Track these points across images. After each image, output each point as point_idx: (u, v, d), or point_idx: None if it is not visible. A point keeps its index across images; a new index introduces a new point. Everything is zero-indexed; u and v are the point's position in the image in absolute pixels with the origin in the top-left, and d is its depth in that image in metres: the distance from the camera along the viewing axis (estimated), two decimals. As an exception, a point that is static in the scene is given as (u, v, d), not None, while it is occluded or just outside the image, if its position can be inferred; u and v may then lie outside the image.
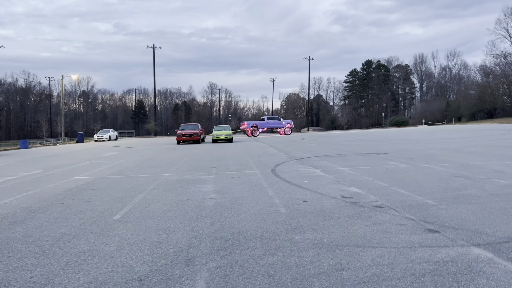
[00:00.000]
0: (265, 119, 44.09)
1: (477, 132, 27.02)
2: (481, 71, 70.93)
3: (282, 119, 44.33)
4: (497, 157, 11.16)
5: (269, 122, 43.25)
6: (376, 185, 7.20)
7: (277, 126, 43.38)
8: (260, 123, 44.20)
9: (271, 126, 43.34)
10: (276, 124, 43.15)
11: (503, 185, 6.78)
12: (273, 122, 43.29)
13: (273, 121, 43.47)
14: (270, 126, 43.49)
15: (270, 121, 43.34)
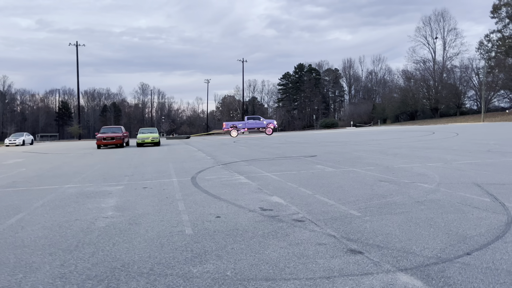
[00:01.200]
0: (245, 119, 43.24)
1: (400, 134, 28.24)
2: (403, 76, 75.80)
3: (263, 119, 42.86)
4: (420, 159, 11.27)
5: (248, 122, 42.09)
6: (300, 193, 6.63)
7: (257, 126, 42.01)
8: (239, 123, 43.22)
9: (251, 126, 42.10)
10: (257, 124, 41.85)
11: (427, 190, 6.54)
12: (253, 122, 41.92)
13: (253, 121, 42.08)
14: (251, 126, 42.26)
15: (250, 121, 42.12)
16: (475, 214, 4.86)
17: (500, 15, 59.53)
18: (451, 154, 12.13)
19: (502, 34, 60.31)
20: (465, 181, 7.27)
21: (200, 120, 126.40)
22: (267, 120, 43.35)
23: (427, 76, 66.95)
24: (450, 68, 67.52)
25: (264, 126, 41.41)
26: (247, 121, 41.89)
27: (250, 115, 49.36)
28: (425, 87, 67.16)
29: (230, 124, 43.34)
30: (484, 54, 60.76)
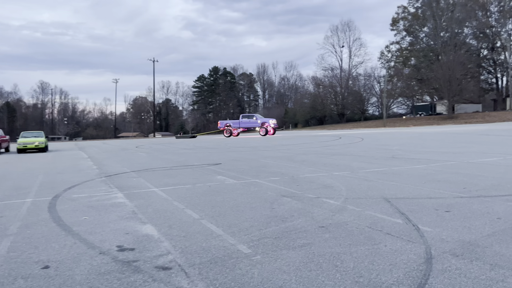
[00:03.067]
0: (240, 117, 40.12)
1: (309, 139, 28.38)
2: (313, 82, 78.72)
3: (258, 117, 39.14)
4: (327, 167, 10.61)
5: (242, 121, 38.64)
6: (183, 217, 5.27)
7: (250, 125, 38.44)
8: (234, 122, 39.53)
9: (244, 125, 38.53)
10: (250, 124, 38.44)
11: (333, 208, 5.60)
12: (246, 121, 38.61)
13: (247, 120, 38.76)
14: (244, 126, 38.66)
15: (243, 120, 38.62)
16: (388, 245, 3.93)
17: (399, 28, 64.83)
18: (357, 161, 11.72)
19: (400, 46, 65.78)
20: (373, 194, 6.53)
21: (108, 122, 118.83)
22: (262, 118, 39.00)
23: (334, 83, 70.39)
24: (355, 75, 71.93)
25: (257, 125, 37.91)
26: (241, 119, 38.83)
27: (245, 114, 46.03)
28: (333, 93, 70.49)
29: (224, 122, 39.84)
30: (384, 64, 65.73)
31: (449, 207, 5.51)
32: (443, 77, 46.68)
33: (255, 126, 37.70)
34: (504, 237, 4.08)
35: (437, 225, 4.60)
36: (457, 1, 52.75)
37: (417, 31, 61.92)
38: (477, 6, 55.71)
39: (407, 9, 63.24)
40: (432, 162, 10.88)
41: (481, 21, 55.59)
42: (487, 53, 60.07)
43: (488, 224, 4.58)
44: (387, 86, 61.30)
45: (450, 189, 6.80)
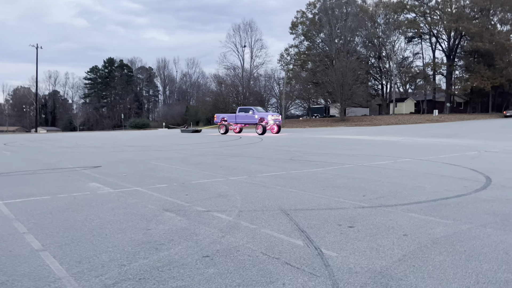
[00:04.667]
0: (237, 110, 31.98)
1: (209, 138, 27.38)
2: (215, 80, 77.87)
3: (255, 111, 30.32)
4: (224, 170, 9.67)
5: (239, 116, 30.54)
6: (17, 248, 3.80)
7: (247, 121, 30.20)
8: (230, 116, 31.79)
9: (241, 120, 30.64)
10: (247, 119, 30.15)
11: (224, 226, 4.63)
12: (243, 115, 30.29)
13: (243, 114, 30.35)
14: (241, 121, 30.74)
15: (240, 114, 30.38)
16: (287, 282, 3.05)
17: (297, 32, 67.40)
18: (256, 163, 11.01)
19: (299, 49, 68.42)
20: (271, 205, 5.72)
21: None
22: (261, 113, 30.24)
23: (236, 82, 70.52)
24: (256, 76, 72.92)
25: (254, 121, 29.52)
26: (238, 113, 30.69)
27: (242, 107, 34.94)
28: (234, 92, 70.56)
29: (220, 116, 32.64)
30: (284, 66, 67.75)
31: (352, 220, 4.91)
32: (337, 82, 49.61)
33: (252, 122, 29.70)
34: (416, 263, 3.48)
35: (342, 247, 3.88)
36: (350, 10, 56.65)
37: (314, 37, 65.11)
38: (367, 17, 60.55)
39: (305, 14, 66.15)
40: (329, 165, 10.62)
41: (370, 31, 60.59)
42: (374, 61, 65.77)
43: (397, 244, 4.00)
44: (285, 88, 63.25)
45: (350, 197, 6.31)
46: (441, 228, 4.58)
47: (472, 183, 7.66)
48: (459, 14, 60.17)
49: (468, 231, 4.45)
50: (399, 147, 16.91)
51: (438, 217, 5.07)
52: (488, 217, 5.10)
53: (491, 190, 7.00)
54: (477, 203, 5.93)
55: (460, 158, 12.35)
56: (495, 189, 7.05)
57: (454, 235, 4.32)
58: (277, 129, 30.22)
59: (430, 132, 29.93)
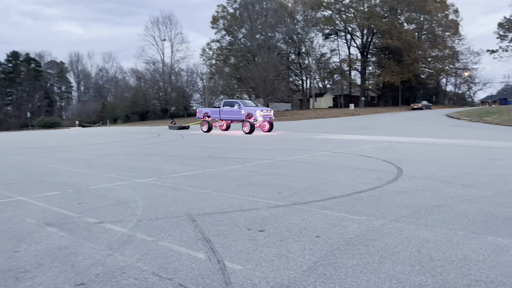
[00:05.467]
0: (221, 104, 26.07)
1: (125, 136, 25.74)
2: (134, 75, 74.27)
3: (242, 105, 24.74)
4: (131, 171, 8.80)
5: (224, 111, 25.17)
6: None
7: (233, 117, 24.82)
8: (214, 111, 26.08)
9: (226, 116, 25.25)
10: (232, 114, 24.70)
11: (114, 240, 3.92)
12: (228, 110, 24.90)
13: (228, 108, 24.92)
14: (226, 117, 25.38)
15: (225, 109, 25.08)
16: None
17: (219, 27, 66.60)
18: (170, 163, 10.26)
19: (221, 44, 67.73)
20: (177, 211, 5.10)
21: None
22: (248, 107, 24.42)
23: (157, 77, 67.87)
24: (177, 71, 70.83)
25: (241, 118, 24.04)
26: (222, 108, 25.19)
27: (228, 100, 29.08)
28: (155, 88, 67.92)
29: (203, 111, 26.72)
30: (206, 61, 66.75)
31: (264, 223, 4.49)
32: (259, 77, 49.94)
33: (238, 118, 24.40)
34: (328, 270, 3.12)
35: (249, 258, 3.42)
36: (270, 6, 57.33)
37: (236, 32, 64.92)
38: (286, 14, 61.77)
39: (226, 8, 65.65)
40: (248, 161, 10.24)
41: (289, 28, 61.94)
42: (294, 57, 67.45)
43: (308, 249, 3.63)
44: (208, 83, 62.34)
45: (265, 195, 5.92)
46: (354, 226, 4.33)
47: (385, 175, 7.72)
48: (370, 12, 63.91)
49: (381, 228, 4.25)
50: (318, 141, 17.16)
51: (352, 214, 4.85)
52: (401, 210, 5.00)
53: (402, 181, 7.07)
54: (390, 195, 5.86)
55: (374, 150, 12.72)
56: (406, 180, 7.14)
57: (368, 233, 4.07)
58: (269, 126, 24.10)
59: (347, 125, 31.22)
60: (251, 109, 24.16)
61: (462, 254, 3.43)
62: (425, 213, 4.83)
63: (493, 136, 18.85)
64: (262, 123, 24.03)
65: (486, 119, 31.73)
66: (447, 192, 6.07)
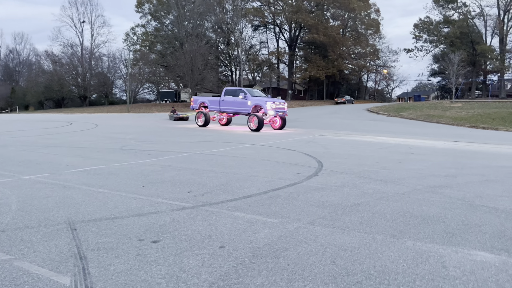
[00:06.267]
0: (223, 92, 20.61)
1: (32, 124, 23.17)
2: (49, 59, 68.13)
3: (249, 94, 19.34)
4: (22, 165, 7.53)
5: (225, 100, 19.88)
6: None
7: (236, 109, 19.59)
8: (212, 101, 20.82)
9: (228, 108, 19.91)
10: (236, 106, 19.49)
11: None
12: (231, 100, 19.62)
13: (231, 98, 19.65)
14: (227, 109, 20.01)
15: (227, 99, 19.80)
16: None
17: (144, 11, 63.21)
18: (73, 155, 9.05)
19: (146, 29, 64.37)
20: (57, 216, 4.19)
21: None
22: (257, 98, 19.26)
23: (75, 62, 62.81)
24: (98, 56, 66.27)
25: (246, 111, 18.98)
26: (224, 97, 20.07)
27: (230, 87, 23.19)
28: (73, 73, 62.88)
29: (199, 100, 21.64)
30: (130, 46, 63.07)
31: (162, 231, 3.78)
32: (186, 66, 48.23)
33: (243, 111, 19.32)
34: (226, 296, 2.51)
35: (128, 282, 2.71)
36: (198, -7, 55.65)
37: (163, 17, 62.08)
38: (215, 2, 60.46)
39: (152, -8, 62.48)
40: (164, 154, 9.38)
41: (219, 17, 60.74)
42: (224, 47, 66.45)
43: (207, 265, 3.00)
44: (133, 70, 59.12)
45: (172, 195, 5.20)
46: (266, 231, 3.79)
47: (305, 169, 7.37)
48: (298, 6, 64.96)
49: (296, 233, 3.76)
50: (243, 134, 16.70)
51: (266, 215, 4.32)
52: (318, 210, 4.58)
53: (321, 176, 6.75)
54: (308, 192, 5.46)
55: (297, 143, 12.51)
56: (326, 175, 6.83)
57: (280, 240, 3.55)
58: (281, 123, 18.95)
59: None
60: (259, 100, 18.86)
61: (381, 265, 3.02)
62: (343, 213, 4.46)
63: (409, 131, 19.84)
64: (273, 118, 18.76)
65: (402, 114, 33.71)
66: (366, 188, 5.82)
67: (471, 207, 4.84)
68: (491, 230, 3.94)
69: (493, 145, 13.40)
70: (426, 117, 29.96)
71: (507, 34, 61.04)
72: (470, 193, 5.62)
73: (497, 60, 60.71)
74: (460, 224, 4.12)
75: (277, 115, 18.54)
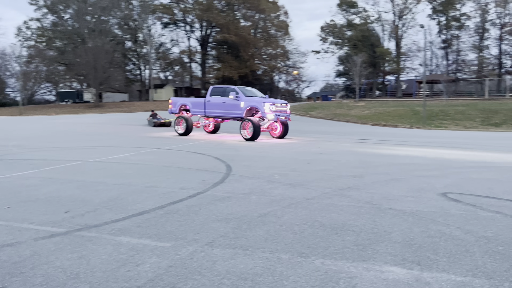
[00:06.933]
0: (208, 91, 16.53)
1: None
2: None
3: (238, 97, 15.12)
4: None
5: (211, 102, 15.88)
6: None
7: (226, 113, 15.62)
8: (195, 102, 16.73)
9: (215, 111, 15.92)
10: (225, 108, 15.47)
11: None
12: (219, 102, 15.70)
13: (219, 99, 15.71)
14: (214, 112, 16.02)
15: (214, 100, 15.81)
16: None
17: (39, 3, 57.26)
18: None
19: (42, 24, 58.46)
20: None
21: None
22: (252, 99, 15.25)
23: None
24: (-15, 51, 58.51)
25: (238, 115, 15.30)
26: (209, 98, 16.27)
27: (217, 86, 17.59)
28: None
29: (179, 103, 17.47)
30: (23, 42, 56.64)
31: (11, 271, 2.89)
32: (88, 64, 44.69)
33: (234, 115, 15.66)
34: None
35: None
36: (101, -13, 52.03)
37: (61, 11, 56.86)
38: (121, -3, 57.25)
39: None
40: (50, 163, 8.10)
41: (125, 13, 57.54)
42: (131, 44, 63.21)
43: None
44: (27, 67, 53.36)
45: (44, 217, 4.25)
46: (153, 261, 3.11)
47: (212, 175, 6.78)
48: (208, 4, 64.31)
49: (189, 260, 3.13)
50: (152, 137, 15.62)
51: (157, 238, 3.63)
52: (220, 226, 4.00)
53: (229, 182, 6.21)
54: (212, 204, 4.86)
55: (207, 146, 11.91)
56: (233, 181, 6.31)
57: (167, 273, 2.89)
58: (282, 129, 15.83)
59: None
60: (255, 100, 15.10)
61: (286, 299, 2.52)
62: (248, 228, 3.94)
63: (317, 129, 20.37)
64: (273, 124, 15.55)
65: (311, 113, 34.95)
66: (274, 194, 5.40)
67: (379, 211, 4.65)
68: (400, 237, 3.71)
69: (395, 142, 14.14)
70: (333, 116, 31.40)
71: (401, 38, 67.01)
72: (377, 194, 5.49)
73: (394, 62, 66.31)
74: (370, 233, 3.84)
75: (277, 120, 14.92)
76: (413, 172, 7.42)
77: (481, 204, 4.98)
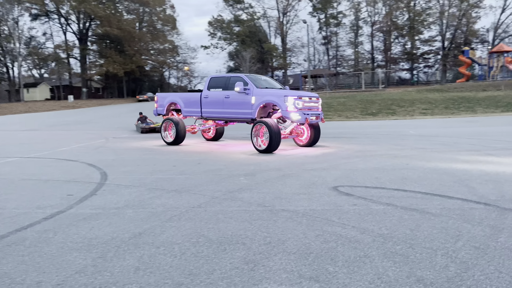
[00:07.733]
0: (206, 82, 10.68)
1: None
2: None
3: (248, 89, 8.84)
4: None
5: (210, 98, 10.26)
6: None
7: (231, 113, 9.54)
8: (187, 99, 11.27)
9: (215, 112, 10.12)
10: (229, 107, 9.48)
11: None
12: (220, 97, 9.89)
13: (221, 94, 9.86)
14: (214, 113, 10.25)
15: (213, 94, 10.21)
16: None
17: None
18: None
19: None
20: None
21: None
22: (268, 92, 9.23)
23: None
24: None
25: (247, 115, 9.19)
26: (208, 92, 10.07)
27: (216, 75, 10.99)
28: None
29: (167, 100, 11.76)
30: None
31: None
32: None
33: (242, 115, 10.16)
34: None
35: None
36: None
37: None
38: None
39: None
40: None
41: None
42: (-5, 39, 54.87)
43: None
44: None
45: None
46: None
47: (81, 187, 5.69)
48: (84, -5, 59.18)
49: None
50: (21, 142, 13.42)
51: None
52: (78, 258, 3.12)
53: (101, 195, 5.23)
54: (73, 226, 3.91)
55: (84, 149, 10.48)
56: (107, 192, 5.35)
57: None
58: (312, 134, 10.71)
59: (62, 119, 27.23)
60: (272, 94, 10.21)
61: None
62: (114, 256, 3.13)
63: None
64: (298, 127, 10.82)
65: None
66: (155, 206, 4.63)
67: (272, 213, 4.20)
68: (295, 246, 3.27)
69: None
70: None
71: (286, 34, 69.98)
72: (269, 194, 5.08)
73: (281, 57, 68.99)
74: (262, 244, 3.33)
75: (306, 120, 9.88)
76: (303, 166, 7.26)
77: (371, 196, 4.87)
